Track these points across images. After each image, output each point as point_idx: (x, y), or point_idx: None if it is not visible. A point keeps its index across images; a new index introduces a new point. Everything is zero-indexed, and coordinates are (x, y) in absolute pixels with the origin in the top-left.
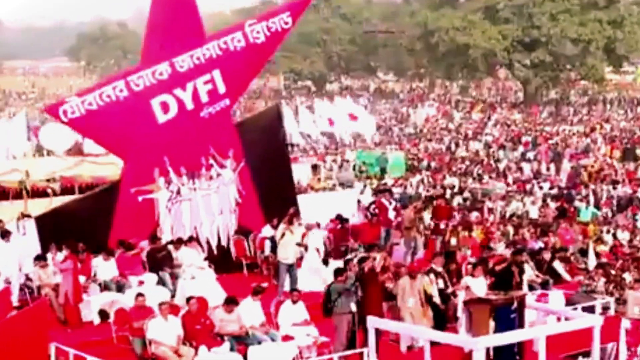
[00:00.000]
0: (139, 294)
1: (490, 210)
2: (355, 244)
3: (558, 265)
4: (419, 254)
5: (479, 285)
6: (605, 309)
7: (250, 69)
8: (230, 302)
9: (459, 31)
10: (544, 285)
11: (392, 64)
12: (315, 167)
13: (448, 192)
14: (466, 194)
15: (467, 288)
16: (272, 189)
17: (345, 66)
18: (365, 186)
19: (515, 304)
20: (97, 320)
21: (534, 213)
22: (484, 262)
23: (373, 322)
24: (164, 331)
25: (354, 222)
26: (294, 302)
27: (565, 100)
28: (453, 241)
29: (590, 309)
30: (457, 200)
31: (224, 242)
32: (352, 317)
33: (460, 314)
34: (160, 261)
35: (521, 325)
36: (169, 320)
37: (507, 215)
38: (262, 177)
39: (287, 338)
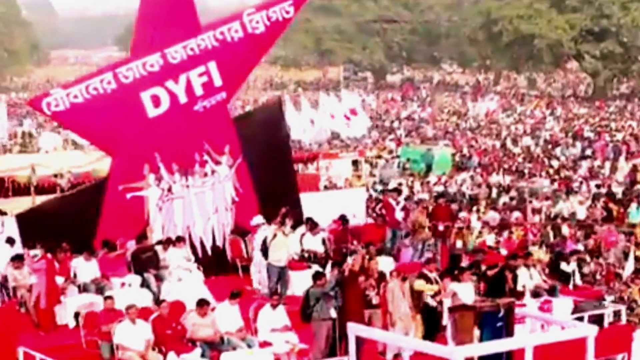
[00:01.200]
0: (107, 297)
1: (536, 210)
2: (358, 246)
3: (567, 267)
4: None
5: (466, 291)
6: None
7: (249, 61)
8: (203, 304)
9: (524, 20)
10: (551, 291)
11: (455, 54)
12: (355, 163)
13: (494, 190)
14: (513, 193)
15: (454, 294)
16: (272, 187)
17: (407, 57)
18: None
19: (502, 312)
20: (72, 324)
21: (581, 213)
22: (476, 266)
23: (354, 329)
24: (131, 336)
25: (359, 222)
26: (274, 306)
27: (638, 94)
28: (458, 244)
29: (600, 318)
30: (504, 199)
31: (219, 242)
32: (332, 323)
33: (447, 321)
34: (145, 262)
35: (510, 334)
36: (137, 324)
37: (552, 215)
38: (262, 175)
39: (265, 344)
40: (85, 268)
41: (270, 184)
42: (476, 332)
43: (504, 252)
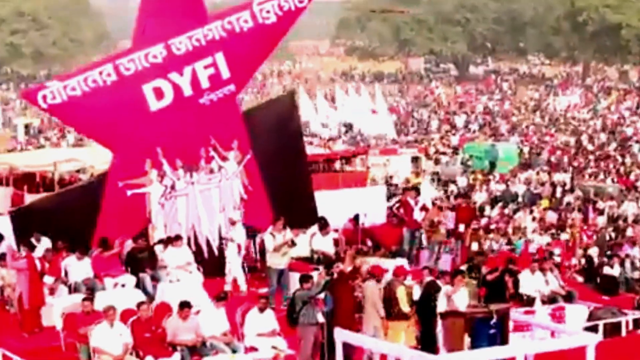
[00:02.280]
0: (85, 298)
1: (600, 211)
2: (370, 248)
3: (611, 271)
4: (444, 259)
5: (459, 296)
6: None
7: (259, 53)
8: (184, 307)
9: (610, 9)
10: (568, 297)
11: (541, 45)
12: (415, 160)
13: (559, 189)
14: (578, 192)
15: (448, 299)
16: (285, 185)
17: (491, 47)
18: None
19: (495, 319)
20: (59, 325)
21: None
22: (475, 270)
23: (341, 335)
24: (109, 339)
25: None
26: (261, 310)
27: None
28: (474, 246)
29: (617, 327)
30: (568, 198)
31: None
32: (320, 328)
33: (439, 327)
34: (141, 262)
35: (504, 341)
36: (115, 327)
37: (616, 216)
38: (274, 172)
39: (251, 349)
40: (77, 267)
41: (282, 182)
42: (467, 339)
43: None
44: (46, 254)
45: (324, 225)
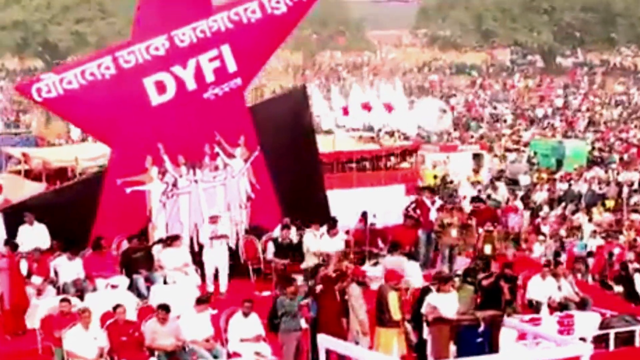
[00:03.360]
0: (63, 299)
1: None
2: (382, 249)
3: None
4: (459, 262)
5: (448, 302)
6: None
7: (268, 45)
8: (163, 310)
9: None
10: (582, 305)
11: (632, 36)
12: (477, 157)
13: (625, 189)
14: None
15: (434, 306)
16: (295, 183)
17: (579, 38)
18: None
19: (482, 326)
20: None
21: None
22: (471, 275)
23: (324, 341)
24: (82, 342)
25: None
26: (245, 314)
27: None
28: (487, 249)
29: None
30: (635, 199)
31: (232, 243)
32: (304, 334)
33: (426, 335)
34: (135, 263)
35: (493, 350)
36: (90, 330)
37: None
38: (283, 169)
39: (234, 355)
40: (67, 268)
41: (292, 180)
42: (452, 348)
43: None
44: (34, 253)
45: (331, 226)
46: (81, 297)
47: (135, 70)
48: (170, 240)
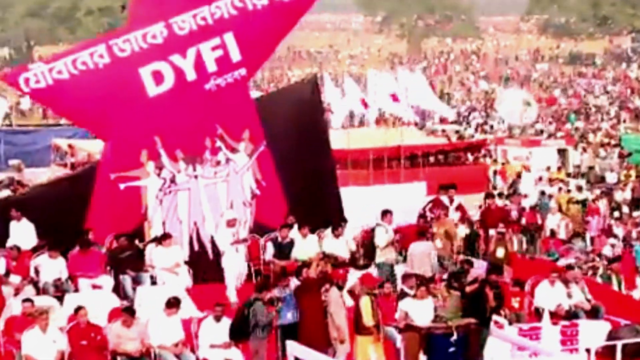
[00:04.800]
0: (26, 300)
1: None
2: None
3: None
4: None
5: (422, 309)
6: None
7: (275, 33)
8: (127, 313)
9: None
10: (594, 313)
11: None
12: (562, 152)
13: None
14: None
15: (405, 314)
16: (305, 180)
17: None
18: None
19: (455, 335)
20: None
21: None
22: (455, 280)
23: (292, 348)
24: (41, 346)
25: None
26: (217, 319)
27: None
28: (499, 252)
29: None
30: None
31: None
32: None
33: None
34: (123, 262)
35: None
36: (49, 333)
37: None
38: (292, 165)
39: None
40: (48, 266)
41: (302, 176)
42: (422, 358)
43: None
44: (11, 251)
45: (336, 226)
46: (61, 298)
47: (131, 60)
48: (161, 239)
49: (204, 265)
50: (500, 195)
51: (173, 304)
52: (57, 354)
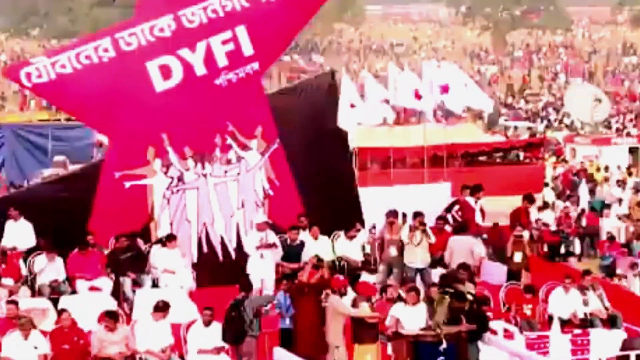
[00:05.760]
0: (9, 302)
1: None
2: None
3: None
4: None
5: (413, 315)
6: None
7: (290, 26)
8: (110, 317)
9: None
10: (611, 321)
11: None
12: (634, 152)
13: None
14: None
15: (397, 320)
16: (321, 180)
17: None
18: None
19: (444, 344)
20: None
21: None
22: (446, 284)
23: (278, 354)
24: (22, 350)
25: None
26: (206, 323)
27: None
28: (517, 257)
29: None
30: None
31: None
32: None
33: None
34: (123, 264)
35: None
36: (30, 337)
37: None
38: (307, 164)
39: None
40: (46, 268)
41: (318, 176)
42: None
43: None
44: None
45: (349, 227)
46: (56, 300)
47: (138, 54)
48: (166, 240)
49: (213, 267)
50: (559, 196)
51: (161, 308)
52: (38, 359)
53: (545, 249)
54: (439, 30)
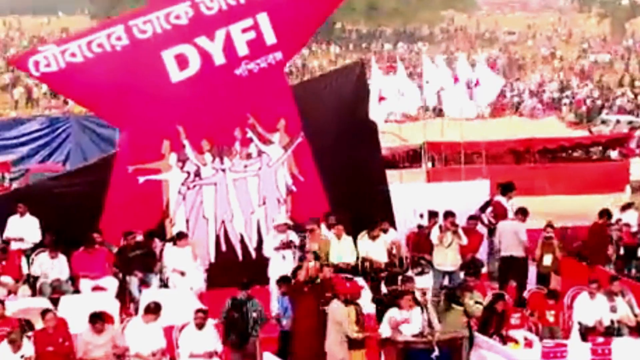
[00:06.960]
0: None
1: None
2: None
3: None
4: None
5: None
6: None
7: (315, 13)
8: (96, 320)
9: None
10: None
11: None
12: None
13: None
14: None
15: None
16: (348, 175)
17: None
18: None
19: (436, 351)
20: None
21: None
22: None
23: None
24: (3, 352)
25: None
26: (199, 326)
27: None
28: (546, 260)
29: None
30: None
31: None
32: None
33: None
34: (131, 263)
35: None
36: (20, 351)
37: None
38: (335, 159)
39: None
40: (48, 266)
41: (345, 171)
42: None
43: None
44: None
45: (373, 226)
46: (57, 300)
47: (153, 42)
48: (177, 238)
49: (232, 267)
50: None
51: (152, 309)
52: None
53: (622, 251)
54: (559, 17)
